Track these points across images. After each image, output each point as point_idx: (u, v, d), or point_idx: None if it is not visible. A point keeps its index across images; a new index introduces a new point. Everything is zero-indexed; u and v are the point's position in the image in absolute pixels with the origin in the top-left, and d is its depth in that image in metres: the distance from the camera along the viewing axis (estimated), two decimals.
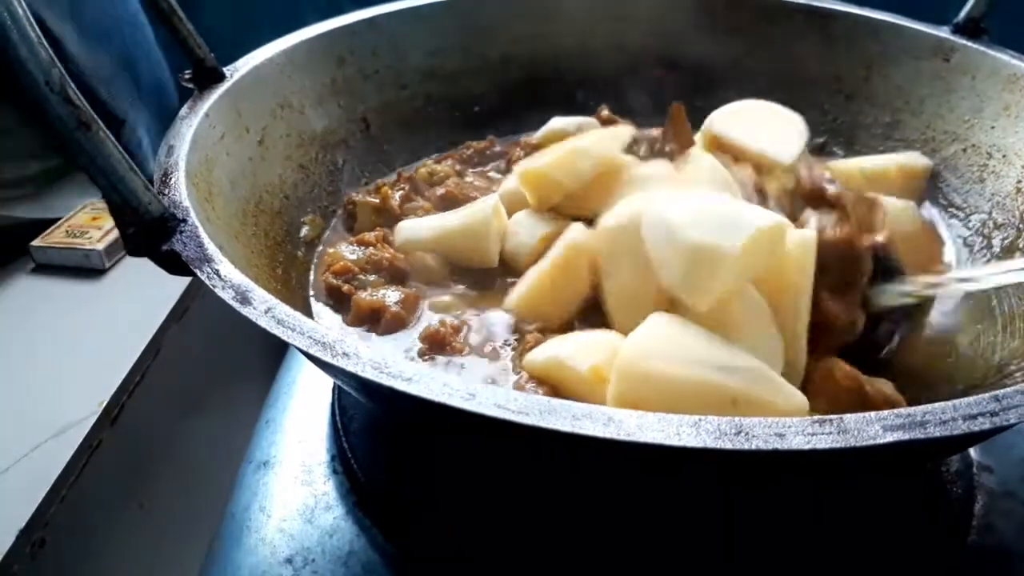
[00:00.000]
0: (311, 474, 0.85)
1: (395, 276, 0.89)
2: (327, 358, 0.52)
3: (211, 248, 0.62)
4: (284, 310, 0.56)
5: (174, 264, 0.63)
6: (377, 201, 0.98)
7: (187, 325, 1.26)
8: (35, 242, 1.35)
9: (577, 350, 0.70)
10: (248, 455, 0.92)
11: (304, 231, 0.96)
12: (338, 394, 0.93)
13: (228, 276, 0.60)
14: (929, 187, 1.01)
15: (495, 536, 0.75)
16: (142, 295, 0.77)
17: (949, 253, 0.95)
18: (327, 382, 0.95)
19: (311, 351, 0.52)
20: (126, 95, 0.66)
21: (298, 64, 1.00)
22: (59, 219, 1.40)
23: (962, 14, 1.03)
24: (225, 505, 0.87)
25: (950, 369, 0.79)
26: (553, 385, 0.71)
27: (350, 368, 0.51)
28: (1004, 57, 0.97)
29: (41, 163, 1.43)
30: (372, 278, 0.88)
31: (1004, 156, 0.95)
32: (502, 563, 0.73)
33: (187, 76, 0.87)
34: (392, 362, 0.51)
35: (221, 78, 0.88)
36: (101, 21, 1.26)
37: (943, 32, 1.05)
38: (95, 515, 1.04)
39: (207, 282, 0.59)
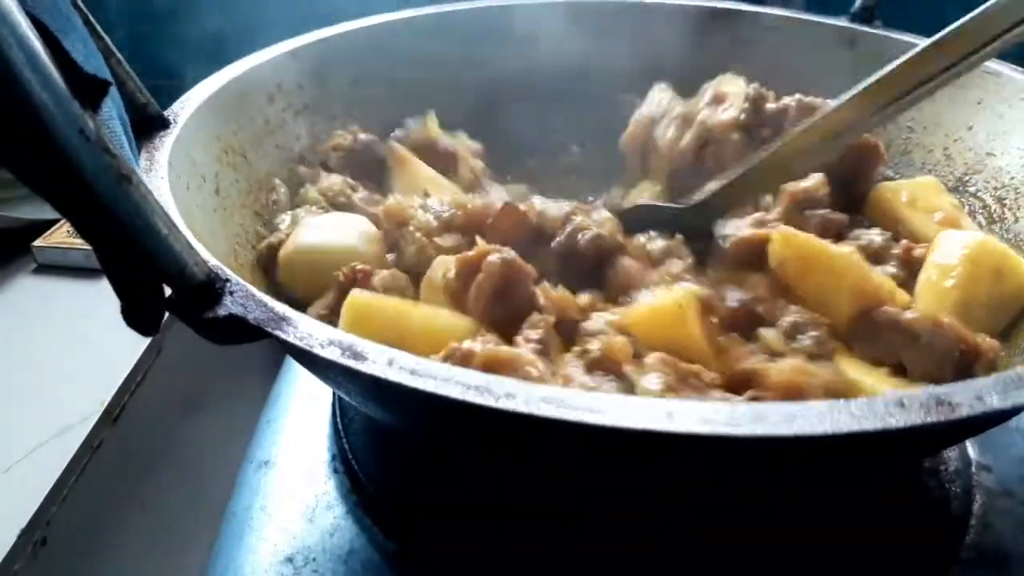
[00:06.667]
0: (312, 473, 0.81)
1: None
2: (489, 403, 0.42)
3: (278, 305, 0.50)
4: (410, 359, 0.45)
5: (234, 330, 0.50)
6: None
7: None
8: (36, 242, 1.28)
9: None
10: (249, 454, 0.88)
11: None
12: (338, 394, 0.87)
13: (320, 333, 0.48)
14: None
15: (496, 535, 0.72)
16: None
17: None
18: None
19: (466, 398, 0.42)
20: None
21: (231, 105, 0.86)
22: (60, 219, 1.31)
23: (857, 3, 1.04)
24: (226, 504, 0.83)
25: None
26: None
27: (520, 408, 0.41)
28: (907, 38, 0.98)
29: None
30: None
31: (925, 128, 0.96)
32: (502, 562, 0.70)
33: None
34: (559, 392, 0.42)
35: (166, 125, 0.74)
36: None
37: (842, 22, 1.05)
38: (96, 515, 0.99)
39: (299, 344, 0.47)
